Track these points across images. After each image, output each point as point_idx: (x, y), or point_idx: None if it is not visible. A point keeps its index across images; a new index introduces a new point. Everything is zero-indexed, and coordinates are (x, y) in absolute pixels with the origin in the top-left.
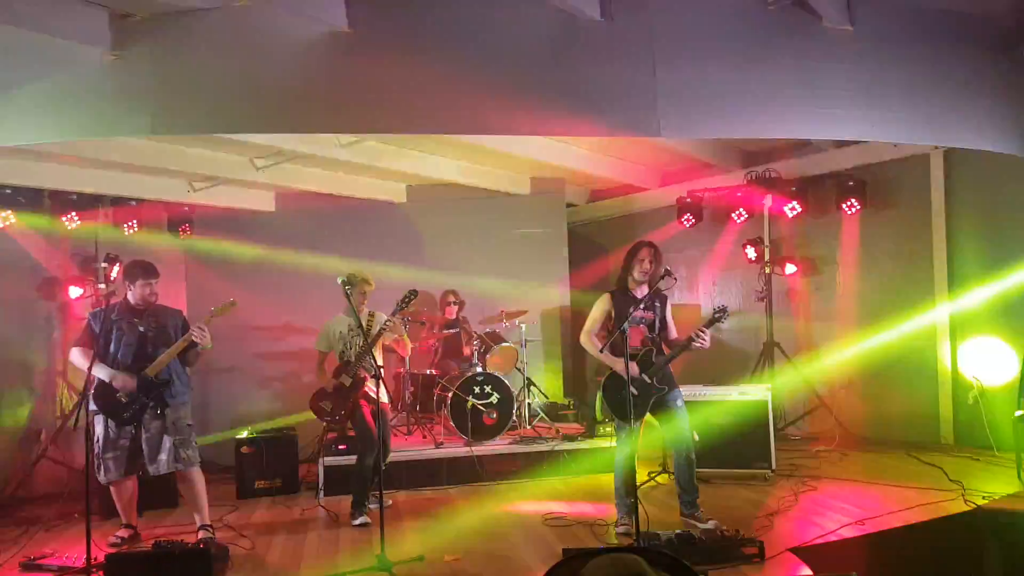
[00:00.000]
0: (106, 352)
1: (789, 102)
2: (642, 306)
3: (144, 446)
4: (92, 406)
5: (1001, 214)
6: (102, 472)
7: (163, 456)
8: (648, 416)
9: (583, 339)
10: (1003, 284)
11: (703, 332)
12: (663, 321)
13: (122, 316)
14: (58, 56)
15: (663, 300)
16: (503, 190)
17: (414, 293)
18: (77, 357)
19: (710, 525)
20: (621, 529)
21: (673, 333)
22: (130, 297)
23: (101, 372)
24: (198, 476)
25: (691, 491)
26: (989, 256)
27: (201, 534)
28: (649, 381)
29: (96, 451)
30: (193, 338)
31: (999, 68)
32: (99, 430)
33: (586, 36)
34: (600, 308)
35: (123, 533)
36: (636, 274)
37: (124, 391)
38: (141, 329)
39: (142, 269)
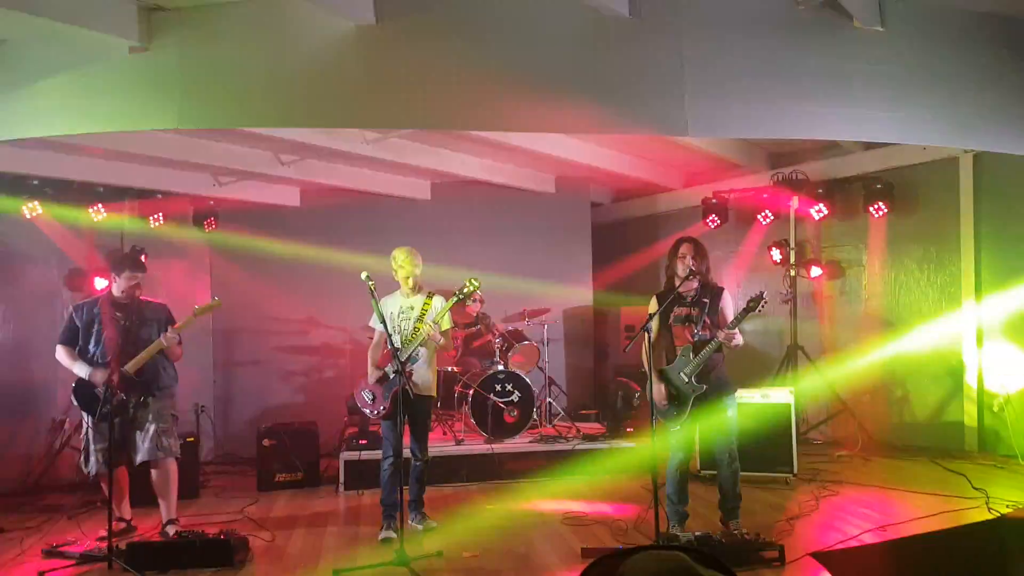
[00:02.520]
0: (86, 347)
1: (818, 102)
2: (687, 303)
3: (128, 435)
4: (72, 399)
5: None
6: (91, 465)
7: (145, 444)
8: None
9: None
10: None
11: (728, 333)
12: (715, 316)
13: (104, 310)
14: (86, 47)
15: (715, 295)
16: (528, 188)
17: (476, 282)
18: (61, 355)
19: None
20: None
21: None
22: (115, 289)
23: (79, 370)
24: (173, 467)
25: (732, 498)
26: (1018, 262)
27: (168, 528)
28: (687, 380)
29: (84, 443)
30: (162, 342)
31: None
32: (86, 425)
33: (614, 33)
34: (650, 311)
35: (115, 527)
36: (679, 271)
37: (102, 384)
38: (123, 323)
39: (130, 262)
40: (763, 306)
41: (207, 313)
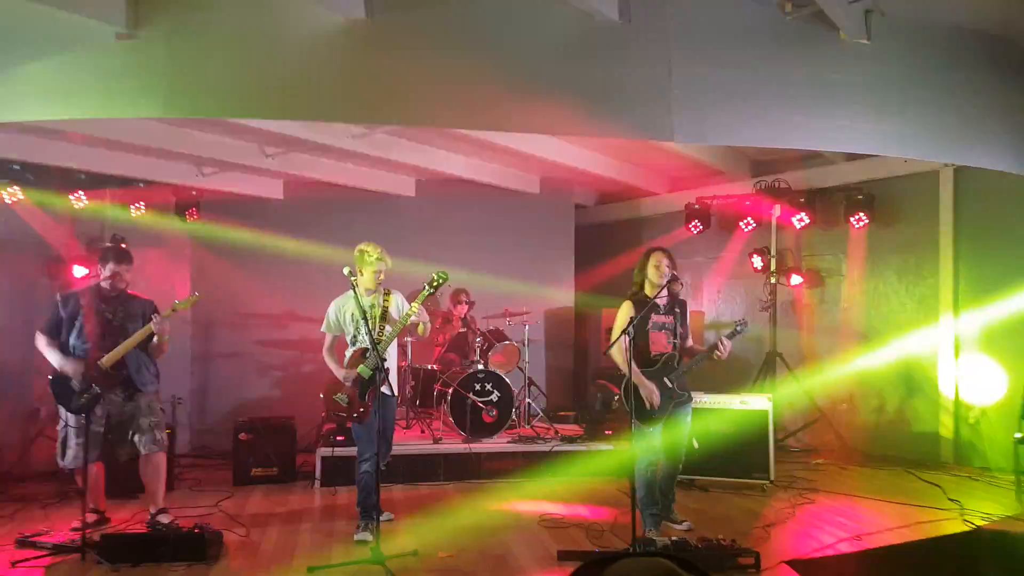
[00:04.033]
0: (67, 340)
1: (803, 112)
2: (663, 311)
3: (117, 431)
4: (51, 390)
5: (1009, 234)
6: (68, 458)
7: (139, 437)
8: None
9: (613, 352)
10: (1008, 305)
11: (726, 342)
12: (684, 327)
13: (90, 301)
14: (72, 33)
15: (683, 306)
16: (512, 188)
17: (444, 275)
18: (40, 342)
19: (684, 526)
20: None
21: (689, 340)
22: (102, 280)
23: (53, 358)
24: (163, 459)
25: (672, 497)
26: (995, 276)
27: (161, 517)
28: (671, 386)
29: (62, 436)
30: (152, 327)
31: (1015, 88)
32: (64, 416)
33: (604, 37)
34: (624, 316)
35: (89, 517)
36: (655, 278)
37: (75, 377)
38: (107, 316)
39: (114, 254)
40: (746, 331)
41: (186, 308)
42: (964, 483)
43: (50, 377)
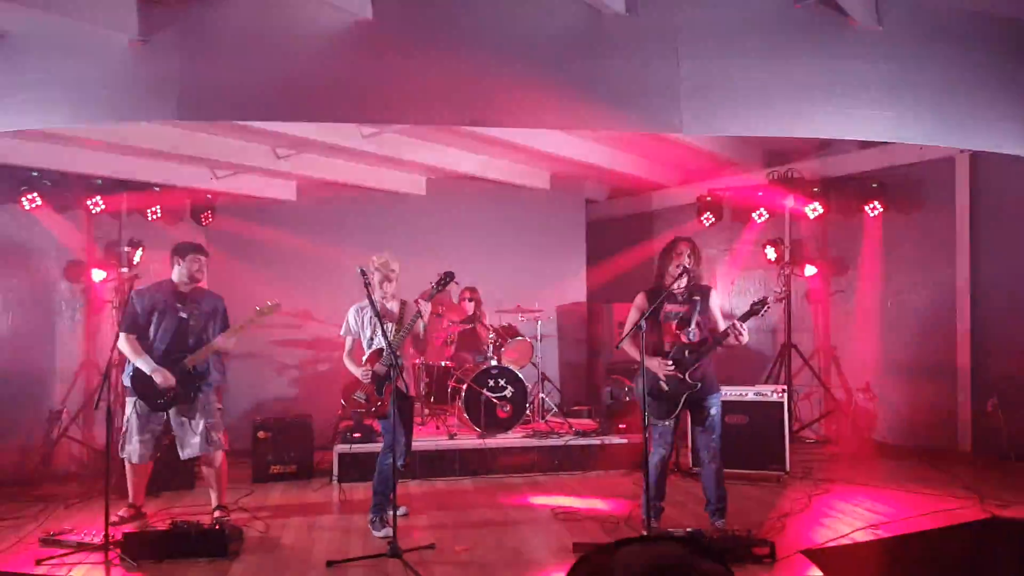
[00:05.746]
0: (145, 334)
1: (814, 100)
2: (679, 300)
3: (177, 430)
4: (128, 385)
5: None
6: (133, 454)
7: (196, 439)
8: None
9: (625, 345)
10: None
11: (739, 325)
12: (706, 315)
13: (165, 299)
14: (85, 41)
15: (705, 294)
16: (523, 184)
17: (451, 275)
18: (124, 344)
19: (718, 524)
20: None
21: (720, 326)
22: (175, 277)
23: (143, 365)
24: (222, 459)
25: (716, 499)
26: (1013, 262)
27: (217, 514)
28: (682, 377)
29: (125, 430)
30: (224, 345)
31: None
32: (130, 410)
33: (610, 30)
34: (636, 308)
35: (126, 512)
36: (672, 268)
37: (165, 385)
38: (183, 316)
39: (192, 246)
40: (766, 310)
41: (268, 315)
42: (982, 471)
43: (131, 373)
